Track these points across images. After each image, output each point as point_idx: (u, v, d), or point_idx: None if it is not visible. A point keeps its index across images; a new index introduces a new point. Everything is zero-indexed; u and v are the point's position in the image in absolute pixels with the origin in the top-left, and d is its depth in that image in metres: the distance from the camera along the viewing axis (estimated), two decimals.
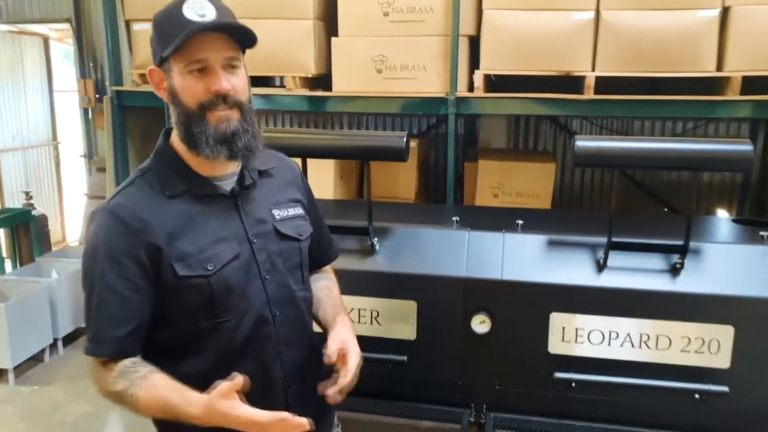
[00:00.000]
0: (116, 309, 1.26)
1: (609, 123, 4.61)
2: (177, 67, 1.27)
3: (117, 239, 1.26)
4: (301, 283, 1.47)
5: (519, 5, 3.17)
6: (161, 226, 1.28)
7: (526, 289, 2.21)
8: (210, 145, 1.27)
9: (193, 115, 1.28)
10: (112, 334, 1.25)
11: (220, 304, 1.32)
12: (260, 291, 1.37)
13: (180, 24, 1.23)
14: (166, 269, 1.28)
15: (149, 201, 1.30)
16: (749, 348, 2.09)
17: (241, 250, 1.34)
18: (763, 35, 2.95)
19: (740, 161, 1.91)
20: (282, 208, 1.45)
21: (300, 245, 1.46)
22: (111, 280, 1.25)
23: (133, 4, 3.69)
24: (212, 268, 1.30)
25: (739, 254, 2.17)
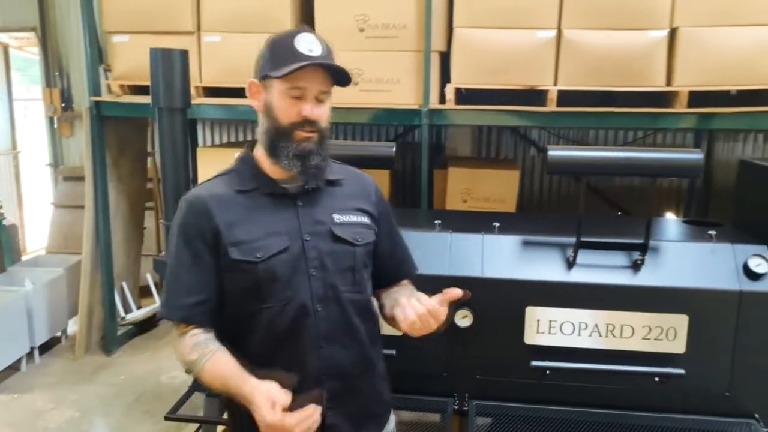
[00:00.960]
0: (186, 280, 1.47)
1: (566, 132, 4.91)
2: (279, 88, 1.45)
3: (188, 221, 1.48)
4: (350, 284, 1.55)
5: (487, 24, 3.40)
6: (224, 214, 1.47)
7: (504, 286, 2.41)
8: (289, 158, 1.46)
9: (282, 131, 1.47)
10: (181, 302, 1.46)
11: (266, 290, 1.47)
12: (305, 285, 1.49)
13: (292, 53, 1.42)
14: (223, 251, 1.46)
15: (220, 194, 1.50)
16: (702, 334, 2.34)
17: (292, 245, 1.49)
18: (708, 53, 3.26)
19: (693, 168, 2.16)
20: (345, 214, 1.57)
21: (355, 250, 1.56)
22: (182, 255, 1.47)
23: (112, 18, 3.77)
24: (260, 256, 1.46)
25: (691, 251, 2.43)
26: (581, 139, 4.93)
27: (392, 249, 1.72)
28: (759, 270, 2.32)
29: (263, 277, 1.46)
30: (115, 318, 4.20)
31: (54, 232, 5.53)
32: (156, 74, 2.72)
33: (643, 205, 4.92)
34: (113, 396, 3.62)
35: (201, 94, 3.76)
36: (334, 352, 1.53)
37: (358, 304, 1.58)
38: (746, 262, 2.35)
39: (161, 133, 2.77)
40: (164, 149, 2.78)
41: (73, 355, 4.11)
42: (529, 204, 5.03)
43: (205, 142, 5.43)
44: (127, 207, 4.46)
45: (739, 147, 4.77)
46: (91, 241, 4.03)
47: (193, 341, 1.44)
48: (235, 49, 3.69)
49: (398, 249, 1.76)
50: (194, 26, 3.72)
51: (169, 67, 2.73)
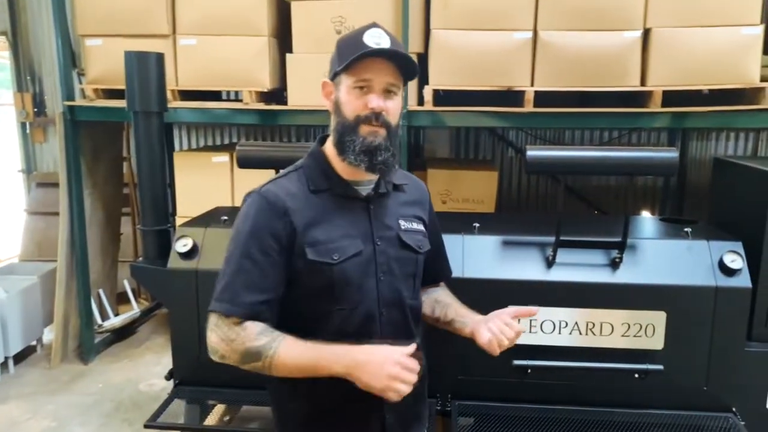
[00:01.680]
0: (254, 277, 1.43)
1: (543, 133, 4.96)
2: (345, 82, 1.43)
3: (263, 217, 1.45)
4: (412, 291, 1.57)
5: (464, 25, 3.41)
6: (301, 213, 1.45)
7: (484, 286, 2.42)
8: (356, 152, 1.43)
9: (348, 125, 1.44)
10: (247, 299, 1.42)
11: (339, 292, 1.46)
12: (373, 289, 1.49)
13: (358, 46, 1.40)
14: (298, 251, 1.44)
15: (295, 191, 1.48)
16: (679, 330, 2.38)
17: (364, 249, 1.48)
18: (681, 54, 3.31)
19: (668, 166, 2.19)
20: (407, 220, 1.58)
21: (417, 257, 1.57)
22: (252, 250, 1.43)
23: (86, 21, 3.71)
24: (337, 258, 1.45)
25: (668, 248, 2.46)
26: (558, 140, 4.98)
27: (436, 254, 1.73)
28: (734, 266, 2.37)
29: (338, 279, 1.45)
30: (91, 326, 4.13)
31: (27, 239, 5.41)
32: (131, 77, 2.69)
33: (620, 204, 4.99)
34: (91, 405, 3.56)
35: (177, 97, 3.72)
36: None
37: (415, 310, 1.60)
38: (722, 258, 2.39)
39: (137, 137, 2.73)
40: (140, 153, 2.74)
41: (49, 365, 4.03)
42: (508, 204, 5.06)
43: (182, 146, 5.37)
44: (103, 213, 4.39)
45: (712, 145, 4.85)
46: (66, 249, 3.96)
47: (257, 328, 1.41)
48: (212, 51, 3.66)
49: (440, 254, 1.79)
50: (169, 29, 3.68)
51: (144, 71, 2.70)
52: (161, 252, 2.77)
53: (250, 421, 3.24)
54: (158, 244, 2.80)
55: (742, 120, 3.44)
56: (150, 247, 2.81)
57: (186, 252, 2.52)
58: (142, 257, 2.86)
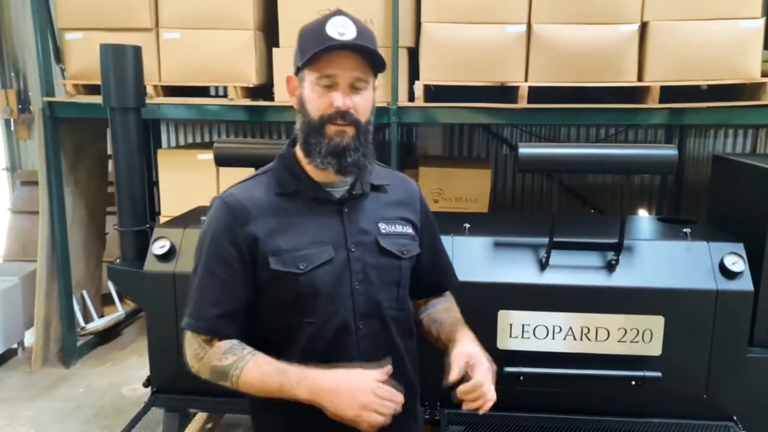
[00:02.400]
0: (216, 291, 1.36)
1: (538, 130, 4.85)
2: (309, 78, 1.34)
3: (222, 226, 1.37)
4: (394, 300, 1.45)
5: (455, 18, 3.30)
6: (263, 220, 1.36)
7: (475, 289, 2.31)
8: (322, 155, 1.34)
9: (313, 125, 1.34)
10: (207, 313, 1.36)
11: (307, 304, 1.36)
12: (348, 299, 1.38)
13: (320, 39, 1.29)
14: (261, 260, 1.35)
15: (260, 196, 1.39)
16: (678, 335, 2.28)
17: (337, 256, 1.37)
18: (679, 48, 3.20)
19: (667, 164, 2.09)
20: (390, 223, 1.45)
21: (401, 263, 1.45)
22: (213, 262, 1.36)
23: (67, 14, 3.59)
24: (304, 267, 1.34)
25: (666, 250, 2.36)
26: (553, 137, 4.88)
27: (434, 259, 1.60)
28: (735, 268, 2.27)
29: (305, 290, 1.35)
30: (73, 328, 4.02)
31: (11, 239, 5.29)
32: (107, 72, 2.58)
33: (616, 202, 4.89)
34: (71, 411, 3.45)
35: (161, 93, 3.60)
36: None
37: (400, 322, 1.47)
38: (722, 260, 2.29)
39: (114, 134, 2.62)
40: (118, 151, 2.63)
41: (30, 368, 3.92)
42: (503, 203, 4.96)
43: (170, 143, 5.26)
44: (86, 212, 4.27)
45: (710, 143, 4.76)
46: (47, 249, 3.84)
47: (225, 346, 1.35)
48: (196, 46, 3.54)
49: (440, 259, 1.64)
50: (152, 22, 3.56)
51: (120, 65, 2.59)
52: (139, 253, 2.66)
53: (234, 427, 3.14)
54: (136, 245, 2.70)
55: (741, 116, 3.34)
56: (127, 248, 2.70)
57: (163, 254, 2.41)
58: (120, 259, 2.74)
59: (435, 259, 1.61)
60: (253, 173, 1.47)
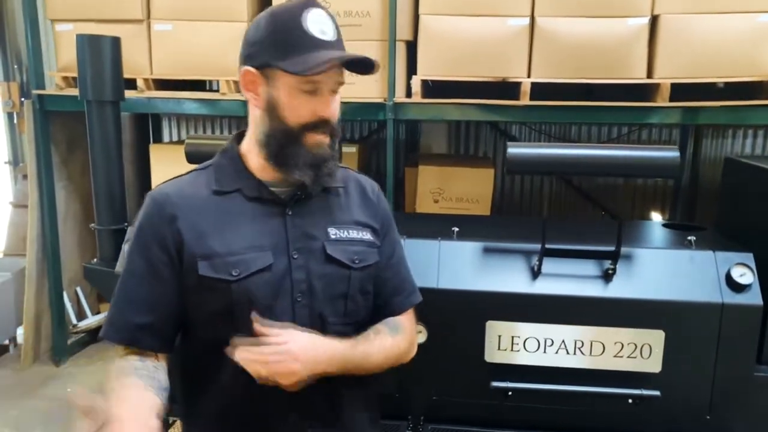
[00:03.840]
0: (135, 294, 1.23)
1: (548, 128, 4.67)
2: (286, 81, 1.20)
3: (148, 223, 1.25)
4: (341, 316, 1.30)
5: (455, 11, 3.16)
6: (193, 219, 1.23)
7: (461, 298, 2.18)
8: (299, 166, 1.22)
9: (291, 134, 1.22)
10: (127, 319, 1.22)
11: (239, 316, 1.20)
12: (288, 312, 1.24)
13: (302, 37, 1.17)
14: (189, 265, 1.22)
15: (192, 193, 1.26)
16: (679, 352, 2.11)
17: (276, 263, 1.23)
18: (691, 43, 3.02)
19: (667, 168, 1.93)
20: (342, 228, 1.31)
21: (350, 273, 1.29)
22: (137, 263, 1.24)
23: (56, 4, 3.51)
24: (237, 274, 1.21)
25: (668, 259, 2.20)
26: (563, 136, 4.70)
27: (389, 275, 1.40)
28: (743, 281, 2.10)
29: (238, 299, 1.21)
30: (64, 326, 3.95)
31: (12, 233, 5.24)
32: (83, 63, 2.48)
33: (628, 205, 4.70)
34: (56, 411, 3.37)
35: (152, 86, 3.51)
36: (318, 397, 1.26)
37: (347, 338, 1.29)
38: (729, 272, 2.12)
39: (90, 128, 2.53)
40: (94, 146, 2.54)
41: (21, 366, 3.86)
42: (509, 205, 4.79)
43: (171, 138, 5.17)
44: (80, 207, 4.20)
45: (728, 143, 4.54)
46: (37, 245, 3.78)
47: (118, 367, 1.19)
48: (188, 38, 3.44)
49: (396, 276, 1.43)
50: (143, 14, 3.46)
51: (97, 56, 2.49)
52: (118, 253, 2.56)
53: None
54: (114, 243, 2.61)
55: (759, 116, 3.14)
56: (105, 247, 2.61)
57: None
58: (98, 258, 2.65)
59: (389, 274, 1.41)
60: (191, 170, 1.34)
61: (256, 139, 1.27)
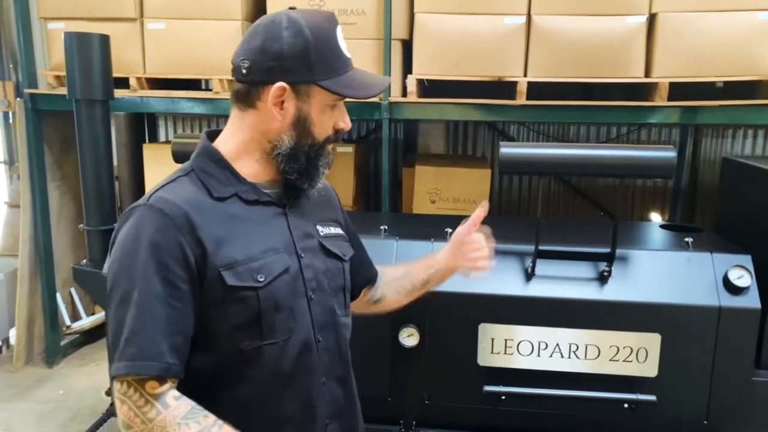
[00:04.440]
0: (164, 320, 1.08)
1: (545, 128, 4.63)
2: (322, 99, 1.20)
3: (162, 236, 1.09)
4: (344, 308, 1.33)
5: (451, 9, 3.11)
6: (209, 227, 1.13)
7: (454, 300, 2.14)
8: (320, 176, 1.27)
9: (318, 148, 1.23)
10: (156, 349, 1.06)
11: (267, 322, 1.17)
12: (305, 311, 1.23)
13: (341, 58, 1.21)
14: (212, 277, 1.12)
15: (197, 199, 1.16)
16: (676, 355, 2.08)
17: (291, 264, 1.21)
18: (690, 41, 2.98)
19: (663, 168, 1.89)
20: (325, 225, 1.34)
21: (344, 266, 1.34)
22: (154, 284, 1.08)
23: (48, 2, 3.47)
24: (263, 279, 1.15)
25: (664, 261, 2.16)
26: (561, 136, 4.65)
27: (361, 256, 1.50)
28: (740, 283, 2.06)
29: (265, 305, 1.15)
30: (57, 327, 3.91)
31: (7, 232, 5.20)
32: (71, 62, 2.44)
33: (627, 205, 4.65)
34: (47, 413, 3.34)
35: (145, 86, 3.47)
36: (335, 390, 1.30)
37: (348, 330, 1.36)
38: (726, 274, 2.08)
39: (79, 127, 2.49)
40: (83, 145, 2.50)
41: (13, 367, 3.82)
42: (507, 205, 4.75)
43: (168, 138, 5.13)
44: (74, 207, 4.16)
45: (728, 143, 4.49)
46: (29, 245, 3.74)
47: (183, 409, 1.07)
48: (182, 36, 3.40)
49: (365, 255, 1.54)
50: (136, 12, 3.42)
51: (86, 54, 2.45)
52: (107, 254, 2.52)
53: None
54: (104, 244, 2.57)
55: (758, 116, 3.10)
56: (95, 248, 2.58)
57: None
58: (87, 259, 2.61)
59: (360, 256, 1.50)
60: (171, 176, 1.24)
61: (255, 147, 1.23)
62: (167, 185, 1.20)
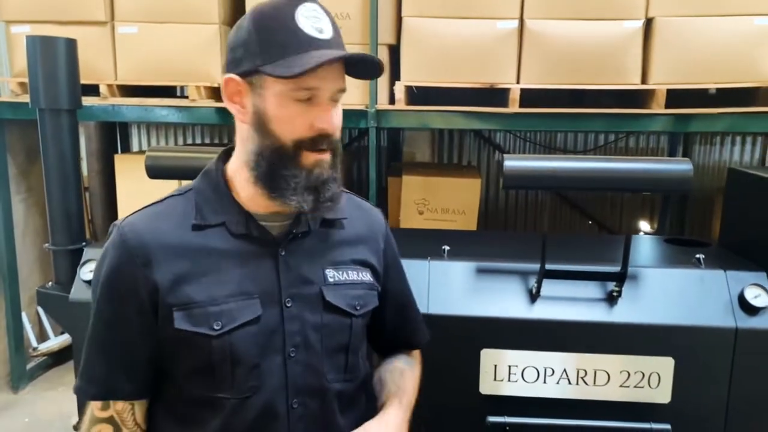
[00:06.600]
0: (109, 346, 1.09)
1: (533, 136, 4.52)
2: (276, 88, 1.01)
3: (116, 266, 1.07)
4: (342, 372, 1.15)
5: (440, 13, 2.98)
6: (171, 262, 1.05)
7: (454, 324, 1.99)
8: (298, 192, 1.04)
9: (285, 153, 1.03)
10: (101, 374, 1.09)
11: (222, 375, 1.05)
12: (278, 371, 1.07)
13: (296, 38, 0.99)
14: (164, 316, 1.05)
15: (168, 229, 1.07)
16: (690, 381, 1.95)
17: (266, 313, 1.06)
18: (687, 47, 2.89)
19: (680, 181, 1.76)
20: (341, 269, 1.14)
21: (352, 322, 1.14)
22: (105, 312, 1.08)
23: (11, 5, 3.26)
24: (218, 327, 1.03)
25: (676, 279, 2.03)
26: (549, 143, 4.56)
27: (399, 314, 1.32)
28: (758, 303, 1.94)
29: (219, 357, 1.04)
30: (22, 349, 3.68)
31: None
32: (34, 68, 2.24)
33: (615, 215, 4.57)
34: None
35: (117, 93, 3.27)
36: None
37: (346, 396, 1.17)
38: (742, 293, 1.96)
39: (44, 139, 2.28)
40: (48, 159, 2.29)
41: None
42: (494, 216, 4.63)
43: (141, 148, 4.92)
44: (41, 222, 3.93)
45: (716, 150, 4.44)
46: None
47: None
48: (155, 41, 3.21)
49: (409, 311, 1.37)
50: (107, 15, 3.23)
51: (51, 60, 2.25)
52: (74, 276, 2.32)
53: None
54: (71, 266, 2.35)
55: (754, 123, 3.02)
56: (61, 270, 2.37)
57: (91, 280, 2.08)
58: (53, 281, 2.41)
59: (400, 313, 1.31)
60: (167, 194, 1.14)
61: (244, 160, 1.08)
62: (153, 204, 1.13)
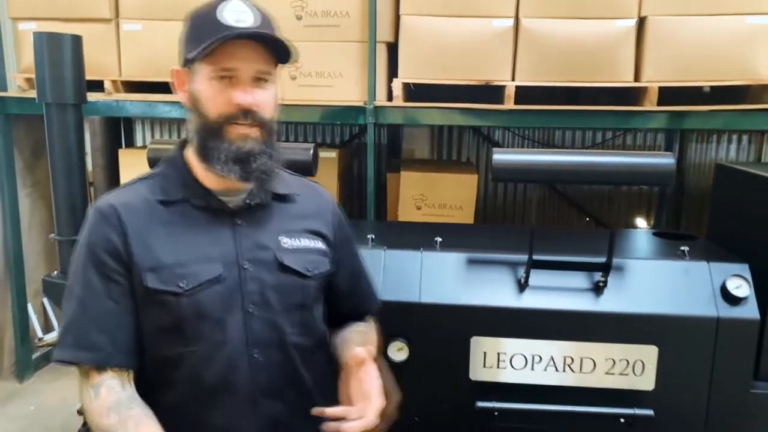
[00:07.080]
0: (96, 311, 1.17)
1: (531, 133, 4.58)
2: (202, 72, 1.17)
3: (98, 235, 1.18)
4: (298, 326, 1.27)
5: (437, 11, 3.04)
6: (140, 229, 1.19)
7: (445, 313, 2.07)
8: (222, 161, 1.18)
9: (211, 127, 1.18)
10: (91, 340, 1.15)
11: (190, 330, 1.18)
12: (239, 326, 1.20)
13: (214, 26, 1.15)
14: (137, 278, 1.17)
15: (137, 202, 1.22)
16: (673, 368, 2.02)
17: (226, 275, 1.20)
18: (680, 45, 2.94)
19: (662, 175, 1.82)
20: (294, 236, 1.28)
21: (305, 283, 1.27)
22: (90, 277, 1.17)
23: (18, 2, 3.34)
24: (184, 286, 1.17)
25: (661, 271, 2.10)
26: (547, 141, 4.61)
27: (353, 282, 1.45)
28: (739, 293, 2.00)
29: (187, 313, 1.17)
30: (28, 340, 3.76)
31: None
32: (41, 63, 2.32)
33: (612, 211, 4.62)
34: (19, 430, 3.19)
35: (121, 89, 3.35)
36: (276, 411, 1.24)
37: (306, 350, 1.30)
38: (724, 284, 2.03)
39: (50, 133, 2.36)
40: (54, 152, 2.37)
41: None
42: (492, 211, 4.68)
43: (144, 143, 4.99)
44: (46, 215, 4.01)
45: (713, 148, 4.48)
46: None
47: (111, 399, 1.13)
48: (159, 38, 3.28)
49: (360, 282, 1.49)
50: (112, 13, 3.30)
51: (57, 56, 2.33)
52: None
53: None
54: None
55: (747, 121, 3.07)
56: (66, 259, 2.44)
57: None
58: (58, 270, 2.49)
59: (354, 282, 1.44)
60: (135, 178, 1.29)
61: (190, 139, 1.25)
62: (120, 189, 1.28)
